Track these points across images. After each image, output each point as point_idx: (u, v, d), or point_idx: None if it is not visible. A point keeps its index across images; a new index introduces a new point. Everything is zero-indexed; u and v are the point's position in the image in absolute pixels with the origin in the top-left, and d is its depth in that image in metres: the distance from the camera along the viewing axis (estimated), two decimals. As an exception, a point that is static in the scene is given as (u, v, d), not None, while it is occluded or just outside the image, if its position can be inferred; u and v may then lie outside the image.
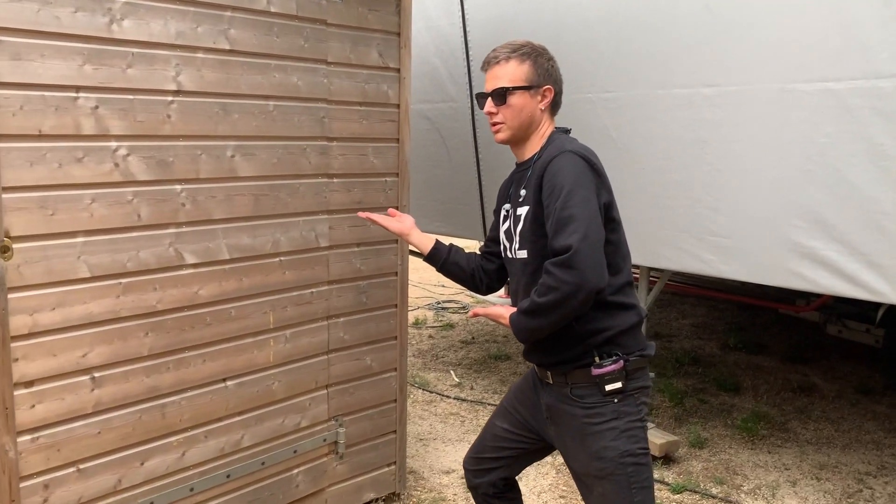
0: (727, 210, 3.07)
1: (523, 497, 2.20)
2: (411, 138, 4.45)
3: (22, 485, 2.09)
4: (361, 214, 2.25)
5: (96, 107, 2.14)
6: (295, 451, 2.77)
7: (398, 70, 2.92)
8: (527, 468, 2.73)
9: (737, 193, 3.04)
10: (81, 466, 2.21)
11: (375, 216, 2.24)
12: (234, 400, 2.56)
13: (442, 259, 2.13)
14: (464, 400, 4.41)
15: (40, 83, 2.03)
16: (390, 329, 3.05)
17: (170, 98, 2.29)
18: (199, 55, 2.34)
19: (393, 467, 3.16)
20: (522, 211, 1.84)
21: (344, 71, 2.75)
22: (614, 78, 3.31)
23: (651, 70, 3.21)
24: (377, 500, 3.15)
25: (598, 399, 1.79)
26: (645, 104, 3.24)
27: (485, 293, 2.12)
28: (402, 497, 3.22)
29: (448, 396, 4.48)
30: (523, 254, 1.86)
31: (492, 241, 2.10)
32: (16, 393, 2.07)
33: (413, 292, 7.05)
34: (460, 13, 3.97)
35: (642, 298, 3.68)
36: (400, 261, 3.04)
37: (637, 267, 3.76)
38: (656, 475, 3.52)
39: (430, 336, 5.79)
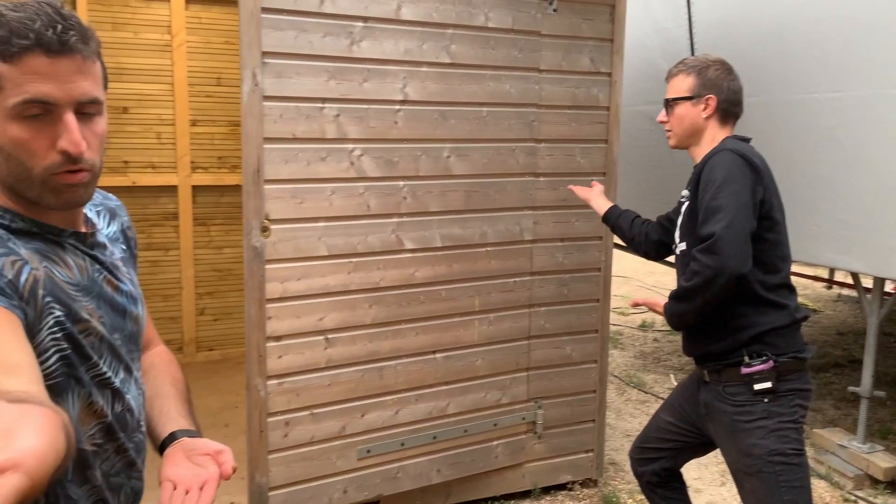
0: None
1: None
2: (632, 139, 4.35)
3: (269, 419, 2.47)
4: (571, 187, 2.50)
5: (338, 115, 2.44)
6: (495, 425, 2.88)
7: (609, 74, 2.89)
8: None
9: None
10: (315, 411, 2.54)
11: (575, 187, 2.47)
12: (442, 370, 2.74)
13: (611, 221, 2.30)
14: (679, 402, 4.16)
15: (295, 96, 2.38)
16: (592, 322, 3.02)
17: (397, 107, 2.53)
18: (423, 69, 2.55)
19: (591, 454, 3.12)
20: (684, 207, 1.90)
21: (555, 77, 2.79)
22: (842, 78, 2.95)
23: (882, 69, 2.81)
24: (574, 482, 3.14)
25: (748, 397, 1.75)
26: (875, 104, 2.84)
27: (643, 256, 2.21)
28: (599, 484, 3.17)
29: (662, 398, 4.27)
30: (683, 246, 1.89)
31: (667, 218, 2.17)
32: (267, 345, 2.44)
33: (646, 295, 6.78)
34: (687, 16, 3.79)
35: (874, 310, 3.20)
36: (604, 257, 3.00)
37: (855, 274, 3.28)
38: (879, 501, 3.04)
39: (656, 339, 5.56)
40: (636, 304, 1.91)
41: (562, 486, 3.12)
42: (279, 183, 2.40)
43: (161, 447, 1.12)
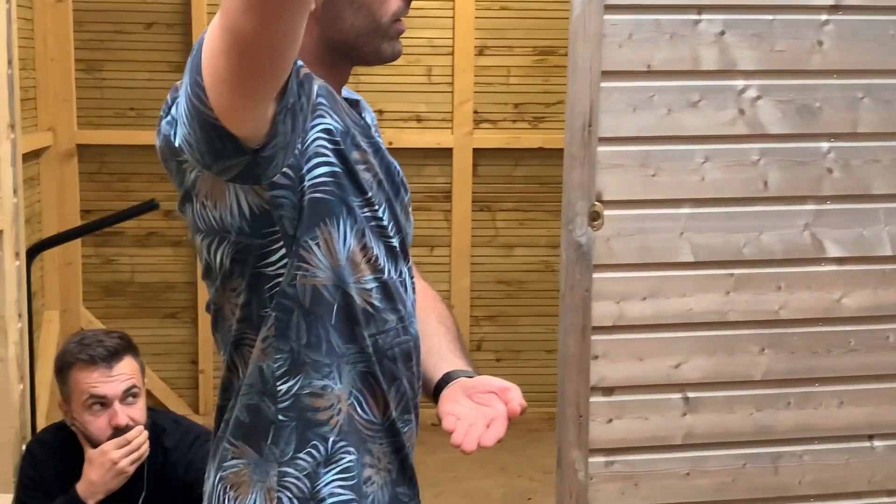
0: None
1: None
2: None
3: (589, 517, 2.55)
4: None
5: (721, 32, 2.43)
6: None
7: None
8: None
9: None
10: (661, 514, 2.57)
11: None
12: (884, 469, 2.59)
13: None
14: None
15: (654, 3, 2.42)
16: None
17: (823, 17, 2.45)
18: None
19: None
20: None
21: None
22: None
23: None
24: None
25: None
26: None
27: None
28: None
29: None
30: None
31: None
32: (592, 400, 2.52)
33: None
34: None
35: None
36: None
37: None
38: None
39: None
40: None
41: None
42: (621, 143, 2.46)
43: (435, 391, 1.53)
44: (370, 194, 1.43)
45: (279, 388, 1.42)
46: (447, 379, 1.54)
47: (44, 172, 4.69)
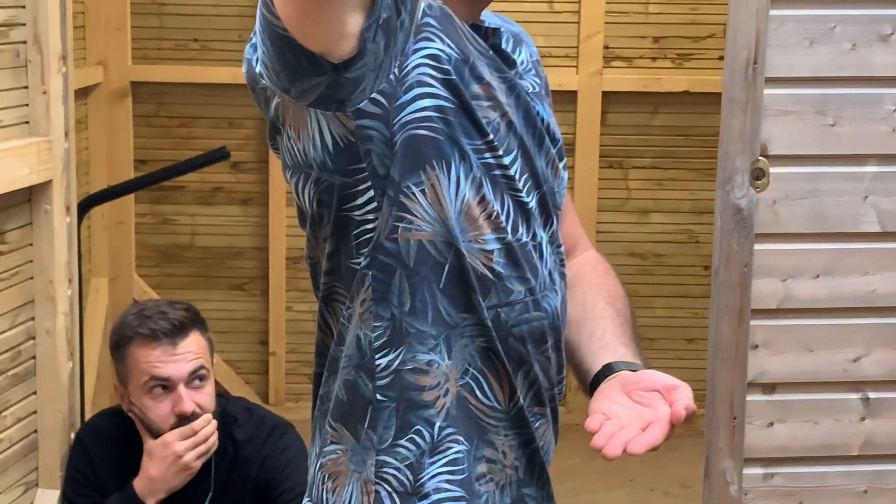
0: None
1: None
2: None
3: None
4: None
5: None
6: None
7: None
8: None
9: None
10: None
11: None
12: None
13: None
14: None
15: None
16: None
17: None
18: None
19: None
20: None
21: None
22: None
23: None
24: None
25: None
26: None
27: None
28: None
29: None
30: None
31: None
32: (749, 398, 2.50)
33: None
34: None
35: None
36: None
37: None
38: None
39: None
40: None
41: None
42: (792, 85, 2.43)
43: (592, 384, 1.50)
44: (492, 137, 1.43)
45: (378, 363, 1.44)
46: (607, 371, 1.51)
47: (92, 115, 4.75)
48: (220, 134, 4.69)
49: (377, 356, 1.44)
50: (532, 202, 1.49)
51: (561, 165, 1.58)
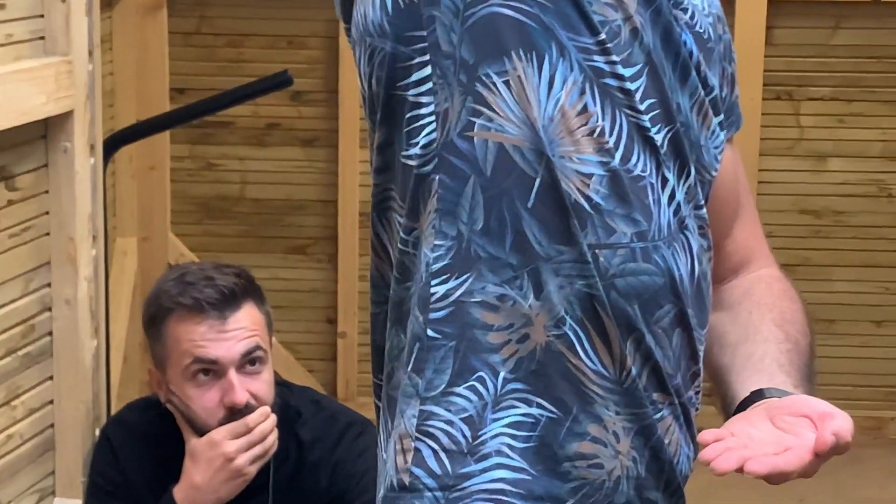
0: None
1: None
2: None
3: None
4: None
5: None
6: None
7: None
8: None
9: None
10: None
11: None
12: None
13: None
14: None
15: None
16: None
17: None
18: None
19: None
20: None
21: None
22: None
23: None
24: None
25: None
26: None
27: None
28: None
29: None
30: None
31: None
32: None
33: None
34: None
35: None
36: None
37: None
38: None
39: None
40: None
41: None
42: None
43: (738, 410, 1.45)
44: (604, 37, 1.40)
45: (433, 291, 1.41)
46: (755, 398, 1.43)
47: (118, 32, 4.74)
48: (276, 56, 4.72)
49: (434, 282, 1.41)
50: (658, 136, 1.44)
51: (716, 121, 1.54)
